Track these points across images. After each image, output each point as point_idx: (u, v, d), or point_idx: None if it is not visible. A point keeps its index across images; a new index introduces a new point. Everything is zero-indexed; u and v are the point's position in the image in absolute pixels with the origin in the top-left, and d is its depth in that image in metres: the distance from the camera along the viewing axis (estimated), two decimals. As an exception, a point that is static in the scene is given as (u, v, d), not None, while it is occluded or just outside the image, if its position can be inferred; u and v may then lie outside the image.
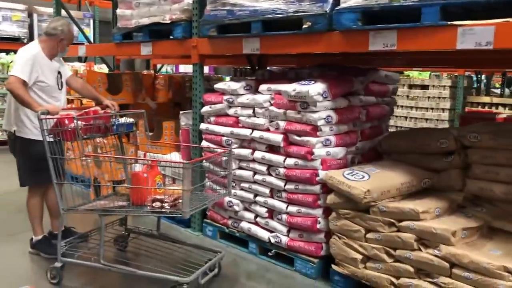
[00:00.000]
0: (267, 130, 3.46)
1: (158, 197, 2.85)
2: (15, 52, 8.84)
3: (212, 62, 7.47)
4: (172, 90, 5.58)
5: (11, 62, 8.47)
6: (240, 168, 3.65)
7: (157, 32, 4.35)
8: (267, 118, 3.47)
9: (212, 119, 3.88)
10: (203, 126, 3.95)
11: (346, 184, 2.93)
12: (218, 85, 3.84)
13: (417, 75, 10.87)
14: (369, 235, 2.92)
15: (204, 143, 3.95)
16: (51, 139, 3.05)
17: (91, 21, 10.35)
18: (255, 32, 3.39)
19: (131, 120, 3.42)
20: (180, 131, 4.34)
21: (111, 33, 5.05)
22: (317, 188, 3.17)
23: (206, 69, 11.83)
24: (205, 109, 3.91)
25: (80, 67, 9.47)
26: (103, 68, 9.75)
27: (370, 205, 2.87)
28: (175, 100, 5.63)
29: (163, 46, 4.29)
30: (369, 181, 2.92)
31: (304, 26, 3.09)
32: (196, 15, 3.92)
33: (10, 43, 9.23)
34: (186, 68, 11.44)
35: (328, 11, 2.97)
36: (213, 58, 5.83)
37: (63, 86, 3.67)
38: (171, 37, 4.12)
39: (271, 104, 3.46)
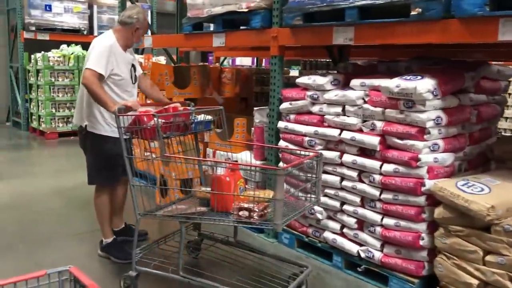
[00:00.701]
0: (360, 131, 3.07)
1: (245, 205, 2.53)
2: (76, 44, 8.87)
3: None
4: (239, 84, 5.29)
5: (72, 53, 8.49)
6: (325, 172, 3.28)
7: (231, 21, 4.05)
8: (359, 117, 3.08)
9: (292, 117, 3.54)
10: (281, 124, 3.61)
11: (462, 197, 2.50)
12: (300, 80, 3.49)
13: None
14: (488, 258, 2.49)
15: (282, 143, 3.62)
16: (127, 137, 2.81)
17: (149, 12, 10.25)
18: (349, 20, 3.00)
19: (210, 117, 3.13)
20: (253, 128, 4.02)
21: (168, 25, 4.92)
22: (421, 200, 2.76)
23: (249, 61, 11.39)
24: (285, 105, 3.57)
25: (138, 59, 9.40)
26: (161, 60, 9.63)
27: (492, 223, 2.44)
28: (241, 95, 5.34)
29: (238, 36, 3.98)
30: (491, 195, 2.49)
31: (412, 13, 2.68)
32: (277, 3, 3.57)
33: (71, 35, 9.27)
34: (242, 61, 11.18)
35: (444, -5, 2.55)
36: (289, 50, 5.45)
37: (137, 80, 3.45)
38: (242, 27, 3.81)
39: (365, 102, 3.07)
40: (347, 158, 3.12)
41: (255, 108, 4.02)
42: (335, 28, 3.16)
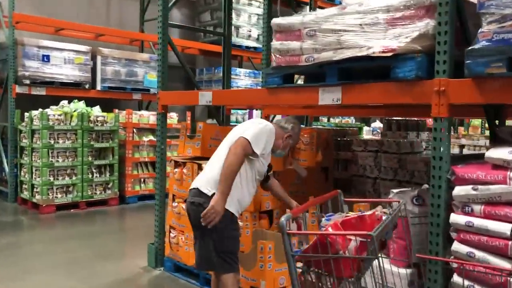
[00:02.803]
0: None
1: None
2: (79, 99, 7.62)
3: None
4: (320, 150, 4.11)
5: (75, 111, 7.21)
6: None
7: (347, 71, 2.96)
8: None
9: (478, 208, 2.37)
10: (459, 219, 2.43)
11: None
12: (493, 154, 2.36)
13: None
14: None
15: (459, 247, 2.42)
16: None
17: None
18: None
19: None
20: (389, 219, 2.82)
21: (173, 78, 4.37)
22: None
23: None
24: (464, 191, 2.41)
25: (149, 116, 8.20)
26: (173, 118, 8.46)
27: None
28: (323, 164, 4.16)
29: (365, 91, 2.85)
30: None
31: None
32: (444, 44, 2.49)
33: (71, 89, 8.05)
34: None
35: None
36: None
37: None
38: (363, 78, 2.72)
39: None
40: None
41: (393, 191, 2.83)
42: None
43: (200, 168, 4.02)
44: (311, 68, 3.12)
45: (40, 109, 6.92)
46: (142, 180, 7.95)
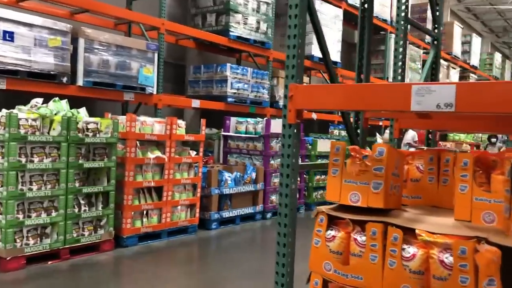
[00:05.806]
0: None
1: None
2: (61, 97, 5.27)
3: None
4: None
5: (57, 113, 4.88)
6: None
7: None
8: None
9: None
10: None
11: None
12: None
13: None
14: None
15: None
16: None
17: (156, 56, 6.95)
18: None
19: None
20: None
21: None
22: None
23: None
24: None
25: (153, 124, 5.97)
26: (182, 127, 6.30)
27: None
28: None
29: None
30: None
31: None
32: None
33: (42, 83, 5.63)
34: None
35: None
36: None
37: None
38: None
39: None
40: None
41: None
42: None
43: (408, 237, 2.05)
44: None
45: (5, 110, 4.52)
46: (144, 212, 5.72)
